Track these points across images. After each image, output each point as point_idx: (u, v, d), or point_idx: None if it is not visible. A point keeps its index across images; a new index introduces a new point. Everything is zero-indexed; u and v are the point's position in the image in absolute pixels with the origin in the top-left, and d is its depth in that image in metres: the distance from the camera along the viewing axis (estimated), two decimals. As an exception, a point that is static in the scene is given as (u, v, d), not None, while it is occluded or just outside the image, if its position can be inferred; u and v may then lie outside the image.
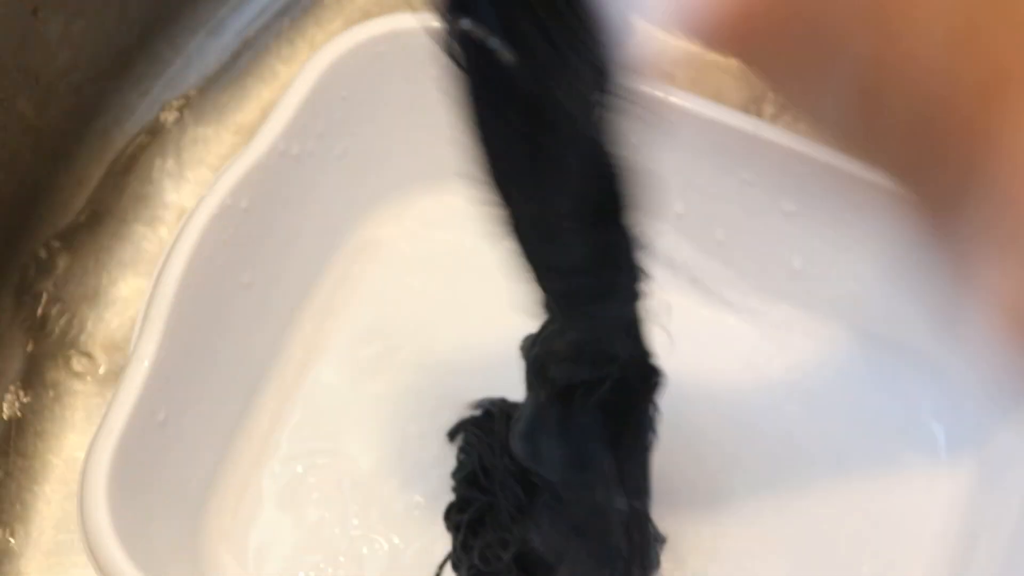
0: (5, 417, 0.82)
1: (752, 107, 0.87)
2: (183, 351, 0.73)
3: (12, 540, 0.79)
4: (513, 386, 0.67)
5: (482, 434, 0.73)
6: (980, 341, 0.41)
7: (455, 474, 0.74)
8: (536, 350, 0.62)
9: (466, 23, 0.47)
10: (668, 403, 0.69)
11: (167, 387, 0.72)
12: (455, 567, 0.72)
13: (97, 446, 0.69)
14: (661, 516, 0.74)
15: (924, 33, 0.36)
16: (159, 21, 0.88)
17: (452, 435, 0.76)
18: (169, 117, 0.92)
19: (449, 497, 0.75)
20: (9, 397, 0.83)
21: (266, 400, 0.81)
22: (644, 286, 0.58)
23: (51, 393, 0.83)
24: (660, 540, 0.71)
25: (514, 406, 0.70)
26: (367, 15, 0.93)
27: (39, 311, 0.86)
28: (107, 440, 0.69)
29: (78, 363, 0.84)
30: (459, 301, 0.82)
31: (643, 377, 0.63)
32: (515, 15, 0.45)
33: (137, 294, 0.86)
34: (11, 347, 0.84)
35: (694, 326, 0.79)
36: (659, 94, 0.72)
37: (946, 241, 0.40)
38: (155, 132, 0.91)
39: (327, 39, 0.83)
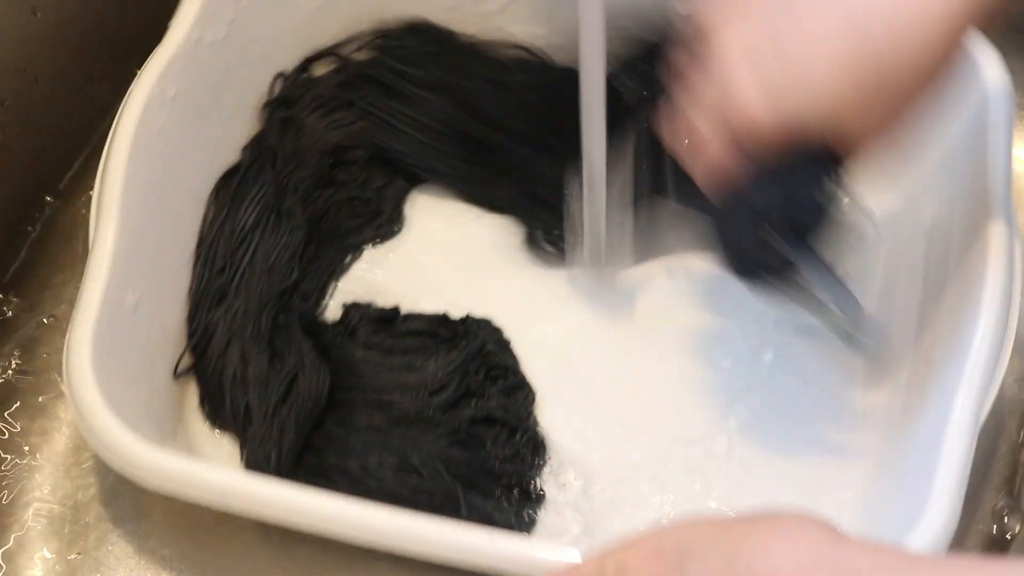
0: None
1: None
2: (140, 234, 0.78)
3: (11, 539, 0.82)
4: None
5: None
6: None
7: None
8: None
9: None
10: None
11: (131, 272, 0.77)
12: None
13: (75, 334, 0.75)
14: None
15: None
16: (158, 21, 0.87)
17: None
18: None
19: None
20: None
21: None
22: None
23: (51, 393, 0.85)
24: None
25: None
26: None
27: (38, 308, 0.88)
28: (84, 328, 0.75)
29: None
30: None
31: None
32: None
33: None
34: (13, 338, 0.87)
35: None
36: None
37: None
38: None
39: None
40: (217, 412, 0.83)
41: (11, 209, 0.86)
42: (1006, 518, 0.80)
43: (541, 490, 0.81)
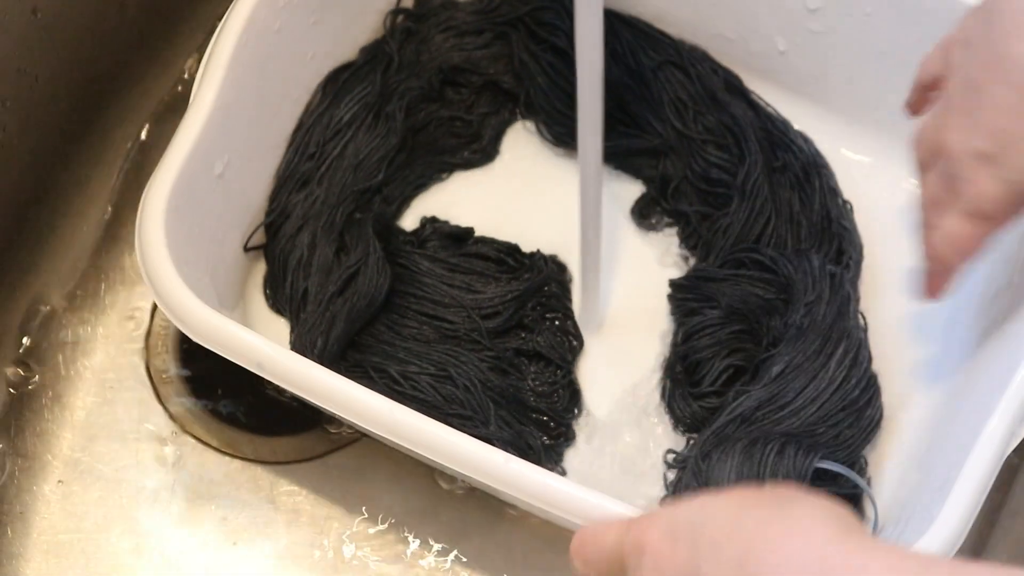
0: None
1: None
2: (241, 104, 0.80)
3: (11, 539, 0.83)
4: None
5: None
6: None
7: None
8: None
9: None
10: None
11: (224, 138, 0.78)
12: None
13: (154, 186, 0.76)
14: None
15: None
16: (158, 21, 0.87)
17: None
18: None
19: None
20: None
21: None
22: None
23: (50, 393, 0.86)
24: None
25: None
26: None
27: (40, 312, 0.88)
28: (164, 182, 0.77)
29: (79, 361, 0.87)
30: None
31: None
32: None
33: (140, 297, 0.89)
34: (10, 344, 0.87)
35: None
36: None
37: None
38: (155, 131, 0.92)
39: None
40: (277, 293, 0.85)
41: (11, 209, 0.86)
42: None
43: (570, 431, 0.82)
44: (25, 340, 0.87)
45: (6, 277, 0.86)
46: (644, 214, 0.89)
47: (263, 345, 0.73)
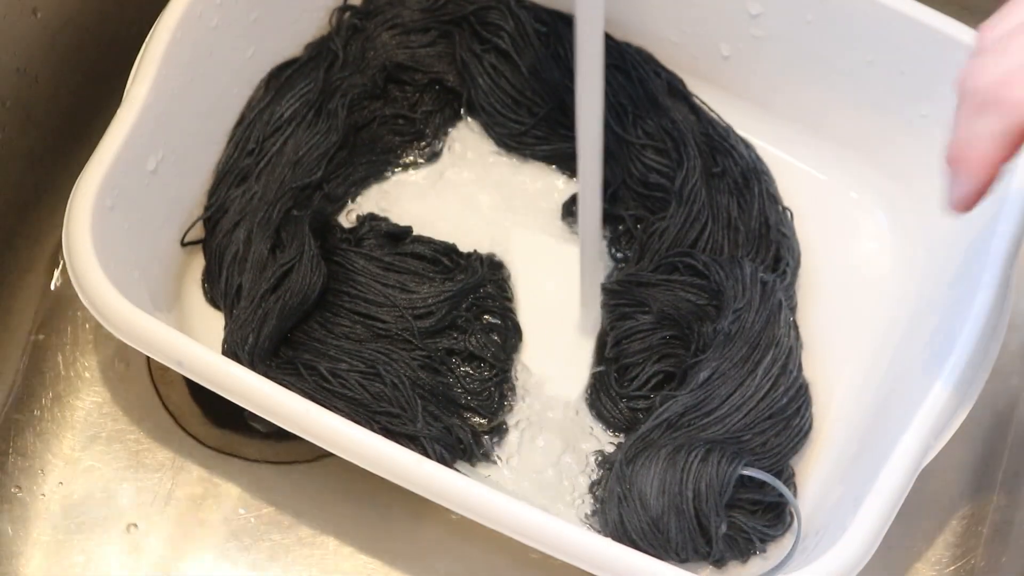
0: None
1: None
2: (177, 100, 0.80)
3: (11, 539, 0.83)
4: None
5: None
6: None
7: None
8: None
9: None
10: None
11: (158, 132, 0.79)
12: None
13: (83, 182, 0.77)
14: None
15: None
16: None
17: None
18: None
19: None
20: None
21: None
22: None
23: (50, 393, 0.86)
24: None
25: None
26: None
27: (40, 311, 0.88)
28: (92, 179, 0.77)
29: (79, 361, 0.87)
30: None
31: None
32: None
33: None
34: (11, 344, 0.87)
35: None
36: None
37: None
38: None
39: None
40: (213, 288, 0.85)
41: (11, 209, 0.85)
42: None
43: (502, 427, 0.82)
44: (25, 339, 0.87)
45: (6, 277, 0.86)
46: (575, 213, 0.89)
47: (184, 343, 0.73)
